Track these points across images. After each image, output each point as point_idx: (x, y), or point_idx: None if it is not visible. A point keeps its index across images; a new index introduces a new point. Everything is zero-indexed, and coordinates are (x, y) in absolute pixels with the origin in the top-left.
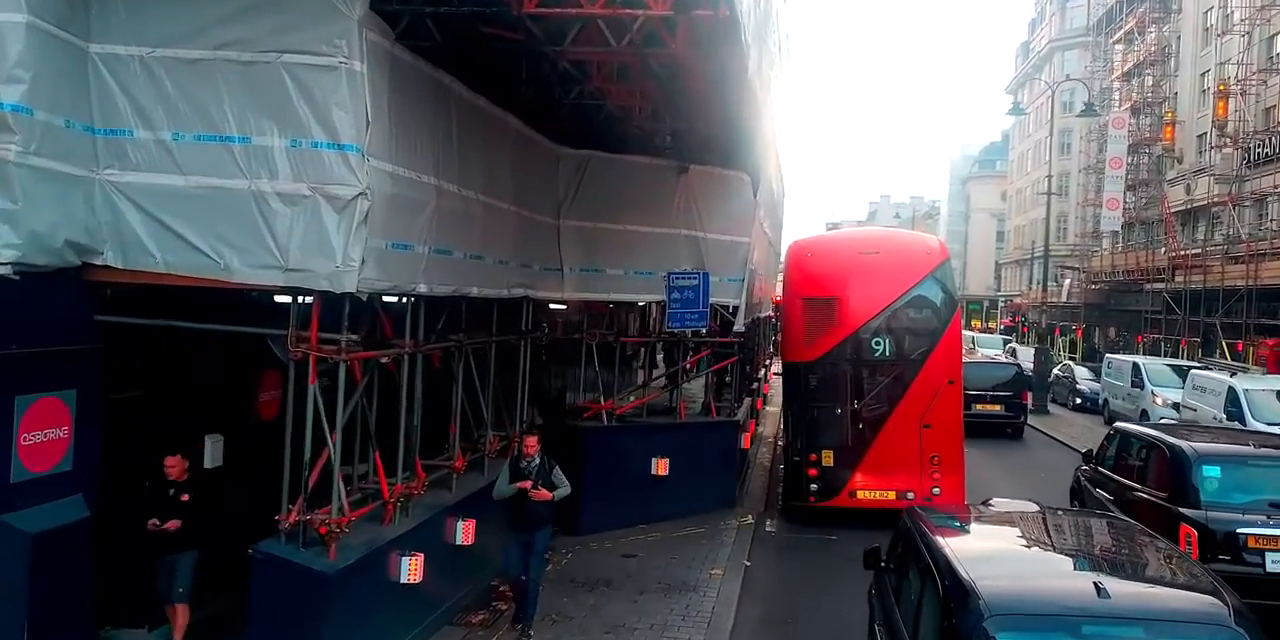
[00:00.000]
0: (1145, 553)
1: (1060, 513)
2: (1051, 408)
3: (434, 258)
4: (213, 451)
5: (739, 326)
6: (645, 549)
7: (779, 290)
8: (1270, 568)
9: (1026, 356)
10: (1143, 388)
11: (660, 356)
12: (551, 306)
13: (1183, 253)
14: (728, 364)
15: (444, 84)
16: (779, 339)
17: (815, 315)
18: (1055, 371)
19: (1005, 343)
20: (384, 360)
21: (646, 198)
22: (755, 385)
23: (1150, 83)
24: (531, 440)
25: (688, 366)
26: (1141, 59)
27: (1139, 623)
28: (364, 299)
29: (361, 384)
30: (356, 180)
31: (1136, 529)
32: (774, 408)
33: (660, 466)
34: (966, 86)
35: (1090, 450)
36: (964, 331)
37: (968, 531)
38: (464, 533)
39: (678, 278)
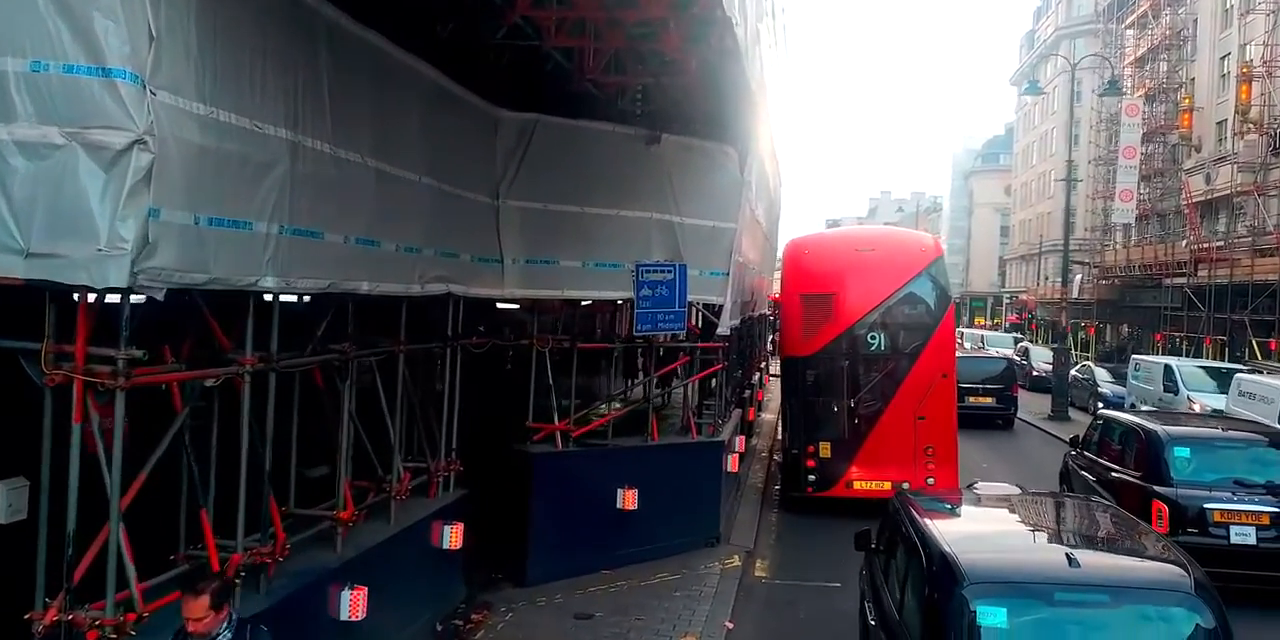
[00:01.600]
0: (1117, 529)
1: (1040, 495)
2: (1072, 413)
3: (290, 241)
4: (10, 501)
5: (723, 329)
6: (605, 605)
7: (776, 287)
8: (1234, 539)
9: (1041, 356)
10: (1177, 393)
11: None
12: (501, 306)
13: (1207, 245)
14: (711, 372)
15: (305, 3)
16: (776, 338)
17: (812, 311)
18: (1074, 373)
19: (1016, 341)
20: (210, 383)
21: (609, 173)
22: (748, 393)
23: (1165, 68)
24: (198, 605)
25: (662, 376)
26: (1155, 44)
27: (1106, 590)
28: (159, 298)
29: (182, 416)
30: (132, 122)
31: (1110, 509)
32: (770, 414)
33: (628, 499)
34: (968, 80)
35: (1077, 436)
36: (972, 329)
37: (951, 512)
38: (351, 605)
39: (648, 270)
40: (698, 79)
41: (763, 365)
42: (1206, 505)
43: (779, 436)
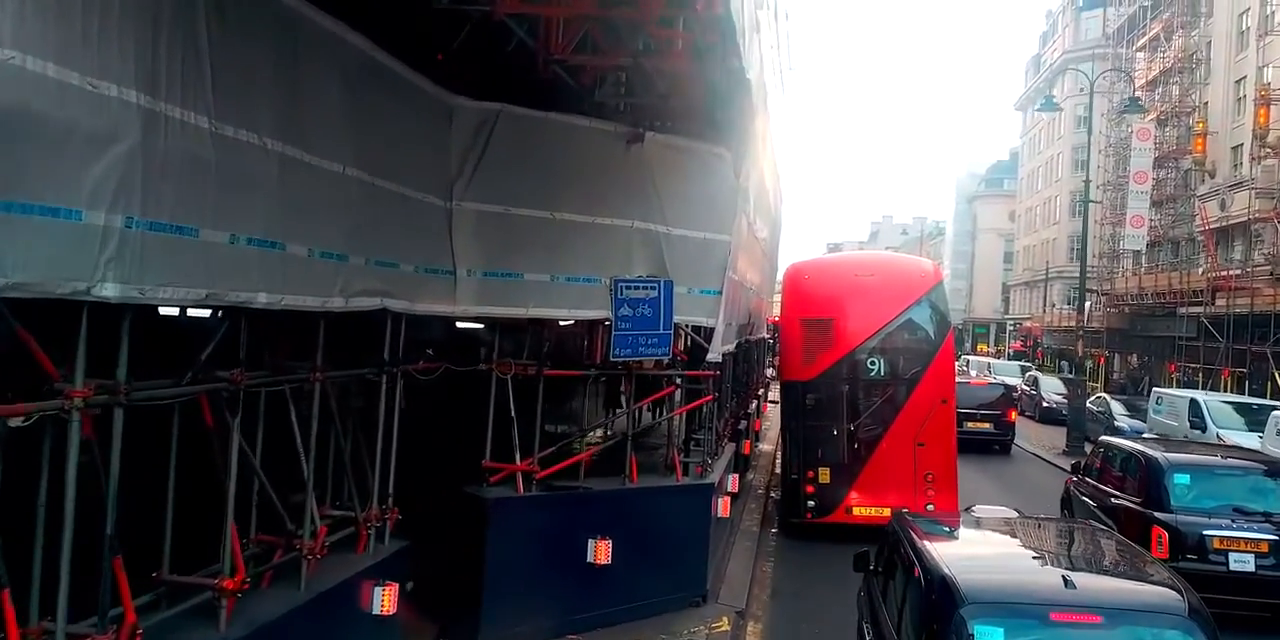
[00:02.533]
0: (1112, 553)
1: (1037, 518)
2: (1088, 448)
3: (145, 237)
4: None
5: (714, 355)
6: None
7: (776, 311)
8: (1233, 567)
9: (1050, 386)
10: (1204, 430)
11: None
12: (462, 325)
13: (1225, 273)
14: (700, 404)
15: None
16: (776, 361)
17: (812, 336)
18: (1088, 405)
19: (1024, 370)
20: (18, 422)
21: (584, 174)
22: (744, 424)
23: (1177, 92)
24: None
25: (651, 404)
26: (1168, 67)
27: (1102, 612)
28: None
29: None
30: None
31: (1107, 533)
32: (769, 445)
33: (600, 551)
34: (972, 104)
35: (1078, 462)
36: (977, 357)
37: (950, 534)
38: None
39: (629, 287)
40: (687, 66)
41: (761, 392)
42: (1206, 532)
43: (777, 471)
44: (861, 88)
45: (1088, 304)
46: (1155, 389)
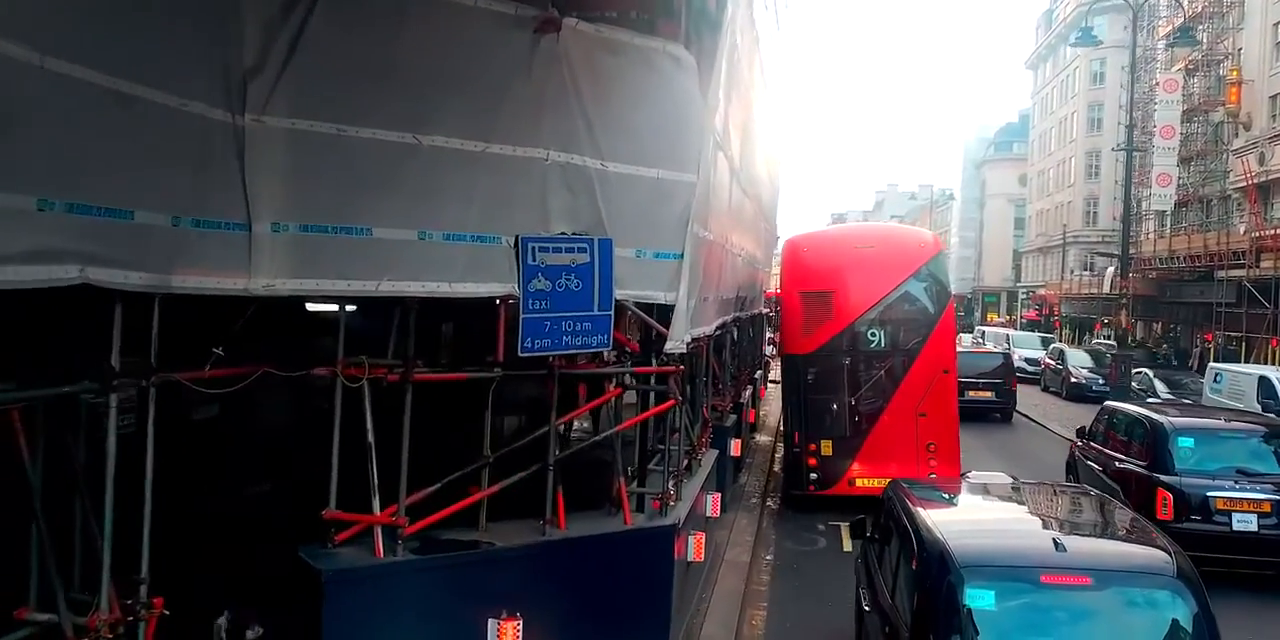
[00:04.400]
0: (1105, 516)
1: (1031, 484)
2: None
3: None
4: None
5: (675, 344)
6: None
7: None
8: (1236, 527)
9: (1077, 360)
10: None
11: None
12: (314, 308)
13: (1274, 232)
14: (659, 412)
15: None
16: (775, 337)
17: (812, 308)
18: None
19: (1046, 342)
20: None
21: (471, 80)
22: (734, 419)
23: (1207, 40)
24: None
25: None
26: (1197, 12)
27: (1091, 574)
28: None
29: None
30: None
31: (1100, 497)
32: (767, 436)
33: (507, 636)
34: (979, 65)
35: (1083, 427)
36: (992, 328)
37: (944, 499)
38: None
39: (544, 249)
40: None
41: (759, 374)
42: (1210, 493)
43: (777, 469)
44: (864, 51)
45: (1110, 269)
46: (1212, 364)
